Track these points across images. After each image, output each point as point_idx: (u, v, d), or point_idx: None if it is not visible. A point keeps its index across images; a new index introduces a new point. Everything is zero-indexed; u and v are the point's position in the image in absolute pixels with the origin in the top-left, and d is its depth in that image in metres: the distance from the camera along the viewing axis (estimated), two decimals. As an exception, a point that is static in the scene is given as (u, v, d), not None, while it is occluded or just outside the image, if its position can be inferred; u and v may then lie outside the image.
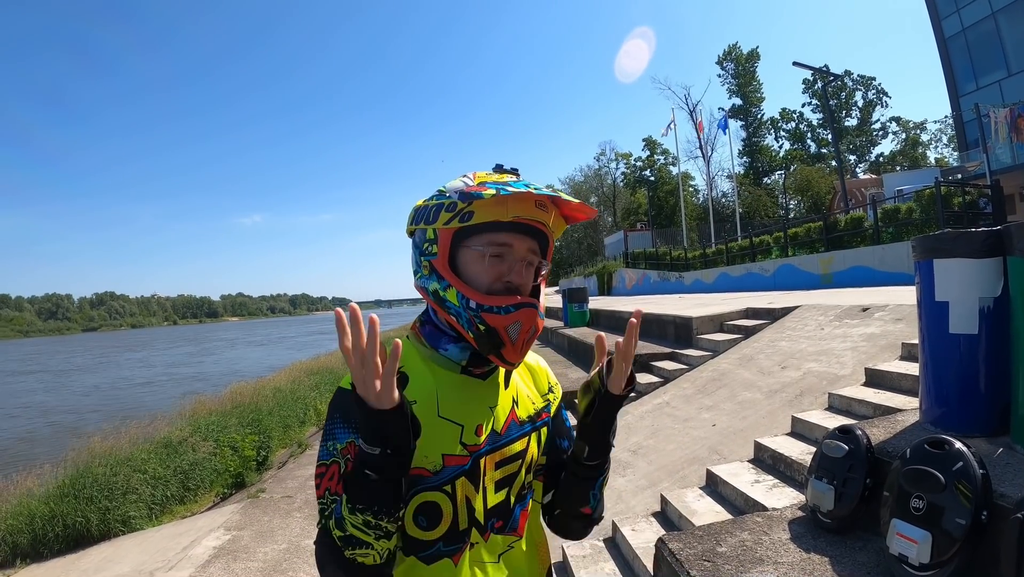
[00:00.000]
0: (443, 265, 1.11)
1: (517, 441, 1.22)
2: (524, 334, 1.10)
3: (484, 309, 1.07)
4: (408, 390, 1.05)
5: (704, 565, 2.88)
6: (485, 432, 1.16)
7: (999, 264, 3.06)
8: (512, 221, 1.08)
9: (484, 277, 1.10)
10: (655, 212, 61.60)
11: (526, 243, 1.12)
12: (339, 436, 1.05)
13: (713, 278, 24.17)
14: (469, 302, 1.08)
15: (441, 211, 1.10)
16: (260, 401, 14.22)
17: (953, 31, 28.78)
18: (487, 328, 1.07)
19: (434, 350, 1.18)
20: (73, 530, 8.41)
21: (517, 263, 1.12)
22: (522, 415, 1.25)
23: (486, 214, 1.07)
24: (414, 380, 1.09)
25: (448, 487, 1.11)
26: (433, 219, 1.11)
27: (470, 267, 1.11)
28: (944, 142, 55.44)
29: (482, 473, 1.16)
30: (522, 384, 1.30)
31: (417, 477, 1.07)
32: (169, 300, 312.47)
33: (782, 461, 4.61)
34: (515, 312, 1.07)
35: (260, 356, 49.21)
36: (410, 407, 0.97)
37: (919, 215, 16.07)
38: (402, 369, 1.06)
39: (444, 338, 1.17)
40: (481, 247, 1.10)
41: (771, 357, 7.48)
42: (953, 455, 2.47)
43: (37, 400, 29.12)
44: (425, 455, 1.08)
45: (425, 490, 1.09)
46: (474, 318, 1.08)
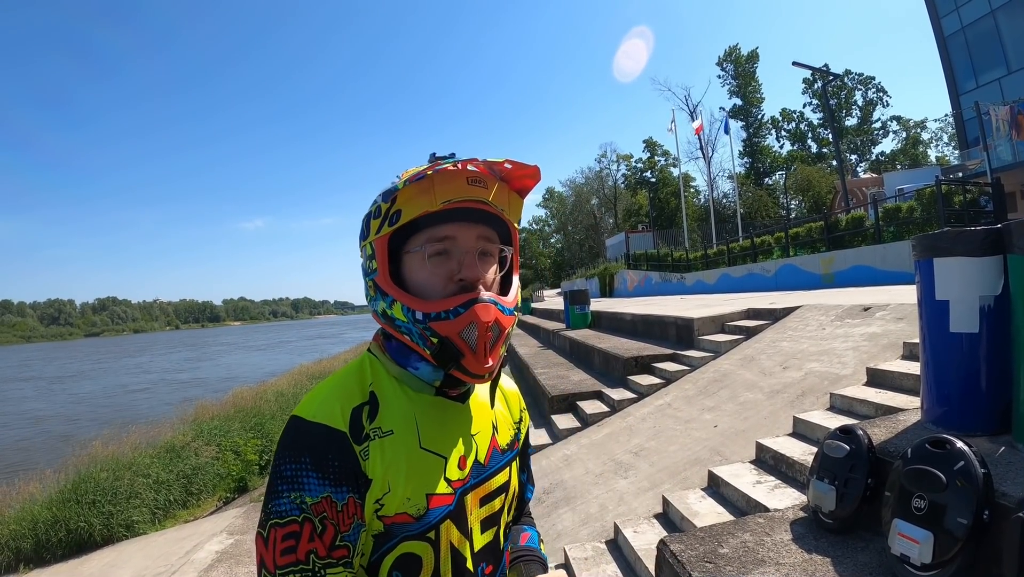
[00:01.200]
0: (384, 280, 0.96)
1: (500, 472, 1.08)
2: (483, 337, 0.92)
3: (431, 318, 0.91)
4: (382, 417, 0.94)
5: (706, 566, 2.88)
6: (468, 464, 1.01)
7: (999, 262, 3.05)
8: (444, 209, 0.92)
9: (432, 281, 0.94)
10: (656, 213, 61.60)
11: (473, 231, 0.96)
12: (309, 486, 0.86)
13: (715, 279, 24.14)
14: (415, 313, 0.92)
15: (371, 220, 0.96)
16: (262, 405, 14.25)
17: (952, 29, 28.77)
18: (440, 340, 0.92)
19: (402, 368, 1.00)
20: (76, 535, 8.42)
21: (466, 256, 0.95)
22: (503, 442, 1.11)
23: (413, 207, 0.92)
24: (389, 405, 0.96)
25: (431, 533, 0.94)
26: (366, 233, 0.97)
27: (415, 274, 0.96)
28: (944, 140, 55.55)
29: (468, 512, 1.00)
30: (500, 406, 1.16)
31: (393, 527, 0.91)
32: (171, 305, 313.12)
33: (784, 462, 4.60)
34: (464, 312, 0.91)
35: (260, 361, 49.19)
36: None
37: (920, 214, 16.05)
38: (371, 389, 0.96)
39: (414, 355, 0.99)
40: (419, 247, 0.94)
41: (772, 358, 7.46)
42: (955, 454, 2.47)
43: (28, 408, 28.93)
44: (407, 497, 0.92)
45: (405, 539, 0.92)
46: (424, 331, 0.92)
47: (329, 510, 0.86)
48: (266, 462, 11.42)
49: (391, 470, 0.91)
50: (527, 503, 1.31)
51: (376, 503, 0.90)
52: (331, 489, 0.86)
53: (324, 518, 0.85)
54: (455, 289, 0.94)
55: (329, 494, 0.86)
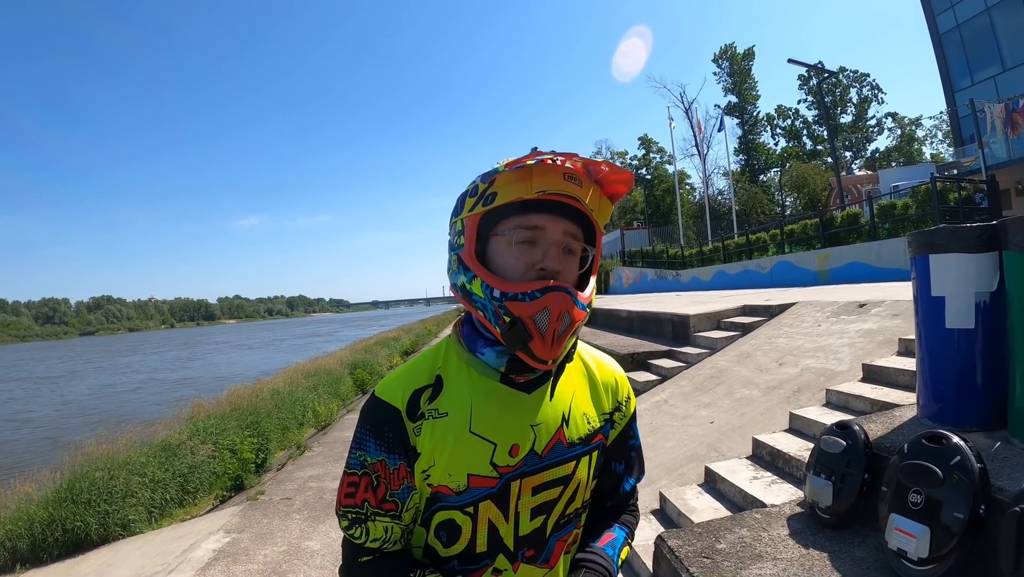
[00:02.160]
0: (469, 255, 1.01)
1: (561, 465, 1.08)
2: (554, 323, 0.96)
3: (508, 297, 0.95)
4: (441, 400, 1.04)
5: (703, 562, 2.89)
6: (522, 452, 1.04)
7: (995, 259, 3.07)
8: (538, 198, 0.97)
9: (515, 265, 0.99)
10: (651, 210, 61.61)
11: (561, 225, 1.00)
12: (370, 450, 1.04)
13: (710, 276, 24.17)
14: (493, 291, 0.96)
15: (466, 199, 1.01)
16: (258, 403, 14.17)
17: (948, 27, 28.82)
18: (512, 319, 0.95)
19: (471, 353, 1.06)
20: (72, 534, 8.38)
21: (551, 248, 0.99)
22: (572, 436, 1.10)
23: (509, 192, 0.96)
24: (451, 388, 1.05)
25: (470, 508, 1.03)
26: (460, 209, 1.03)
27: (500, 256, 1.00)
28: (939, 138, 55.76)
29: (515, 497, 1.05)
30: (580, 399, 1.14)
31: (438, 494, 1.04)
32: (166, 303, 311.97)
33: (780, 457, 4.61)
34: (541, 297, 0.94)
35: (252, 360, 48.81)
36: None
37: (915, 211, 16.10)
38: (439, 373, 1.07)
39: (481, 340, 1.05)
40: (508, 232, 0.99)
41: (768, 354, 7.48)
42: (951, 449, 2.48)
43: (15, 409, 28.42)
44: (449, 473, 1.02)
45: (445, 508, 1.04)
46: (499, 309, 0.96)
47: (383, 471, 1.03)
48: (262, 460, 11.40)
49: (437, 448, 1.02)
50: (627, 495, 1.28)
51: (423, 473, 1.03)
52: (385, 455, 1.03)
53: (379, 476, 1.03)
54: (534, 276, 0.98)
55: (384, 458, 1.03)
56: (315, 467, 10.17)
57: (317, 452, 11.71)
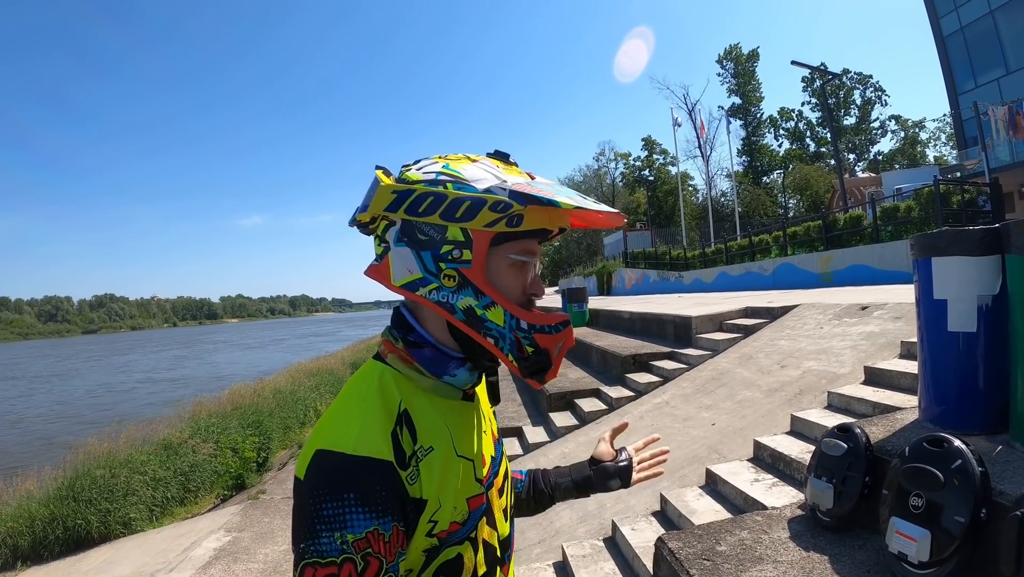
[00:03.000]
0: (480, 277, 0.89)
1: (503, 460, 1.11)
2: (562, 353, 0.96)
3: (536, 330, 0.91)
4: (421, 434, 0.90)
5: (704, 564, 2.89)
6: (488, 459, 1.03)
7: (997, 262, 3.06)
8: (550, 229, 0.94)
9: (516, 289, 0.93)
10: (654, 212, 61.67)
11: (538, 248, 0.97)
12: (353, 523, 0.79)
13: (712, 277, 24.15)
14: (520, 323, 0.90)
15: (482, 208, 0.87)
16: (260, 402, 14.21)
17: (951, 29, 28.81)
18: (537, 350, 0.92)
19: (436, 378, 0.96)
20: (73, 532, 8.41)
21: (535, 271, 0.96)
22: (495, 429, 1.13)
23: (537, 221, 0.90)
24: (422, 421, 0.91)
25: (473, 533, 0.95)
26: (464, 216, 0.87)
27: (502, 278, 0.92)
28: (943, 140, 55.58)
29: (495, 506, 1.03)
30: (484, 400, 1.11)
31: (450, 536, 0.91)
32: (169, 302, 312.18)
33: (781, 460, 4.61)
34: (563, 330, 0.94)
35: (252, 360, 48.78)
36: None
37: (918, 213, 16.07)
38: (403, 407, 0.90)
39: (452, 362, 0.96)
40: (519, 255, 0.92)
41: (770, 356, 7.47)
42: (952, 453, 2.47)
43: (7, 408, 28.28)
44: (455, 507, 0.91)
45: (450, 545, 0.91)
46: (522, 340, 0.91)
47: (374, 543, 0.80)
48: (264, 459, 11.40)
49: (441, 485, 0.89)
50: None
51: (429, 522, 0.87)
52: (377, 521, 0.80)
53: (367, 554, 0.79)
54: (525, 301, 0.94)
55: (376, 527, 0.80)
56: (316, 466, 10.14)
57: (318, 451, 11.69)
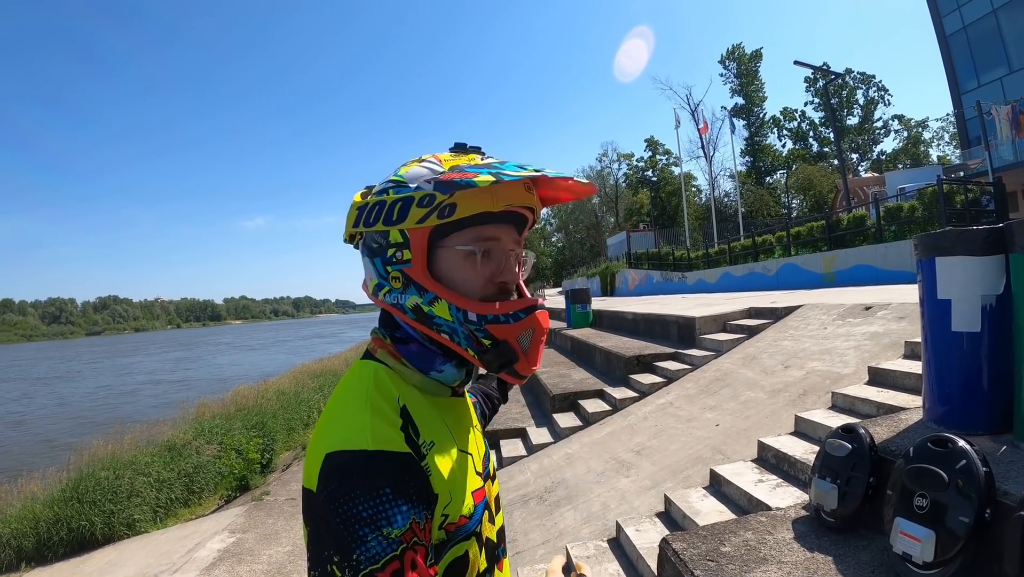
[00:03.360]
0: (422, 273, 0.89)
1: (489, 452, 1.09)
2: (537, 342, 0.91)
3: (488, 320, 0.88)
4: (423, 430, 0.88)
5: (708, 565, 2.89)
6: (481, 453, 1.03)
7: (1001, 262, 3.06)
8: (502, 211, 0.89)
9: (474, 281, 0.90)
10: (658, 212, 61.62)
11: (511, 234, 0.93)
12: (396, 517, 0.77)
13: (716, 278, 24.12)
14: (468, 315, 0.88)
15: (411, 206, 0.87)
16: (264, 404, 14.24)
17: (954, 28, 28.74)
18: (495, 342, 0.89)
19: (424, 375, 0.95)
20: (77, 534, 8.43)
21: (506, 259, 0.93)
22: (479, 424, 1.12)
23: (472, 206, 0.87)
24: (420, 417, 0.90)
25: (478, 528, 0.93)
26: (399, 218, 0.88)
27: (456, 271, 0.90)
28: (946, 140, 55.56)
29: (491, 498, 1.02)
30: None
31: (458, 530, 0.89)
32: (172, 303, 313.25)
33: (786, 460, 4.60)
34: (525, 318, 0.89)
35: (254, 361, 48.65)
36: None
37: (921, 213, 16.03)
38: (402, 404, 0.89)
39: (437, 358, 0.95)
40: (468, 245, 0.89)
41: (774, 356, 7.47)
42: (956, 453, 2.47)
43: (5, 410, 28.29)
44: (463, 500, 0.90)
45: (460, 540, 0.89)
46: (475, 333, 0.88)
47: (418, 532, 0.79)
48: (268, 460, 11.40)
49: (449, 479, 0.88)
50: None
51: (442, 515, 0.86)
52: (414, 512, 0.79)
53: (416, 543, 0.78)
54: (493, 291, 0.91)
55: (414, 517, 0.79)
56: (320, 468, 10.16)
57: (322, 453, 11.70)
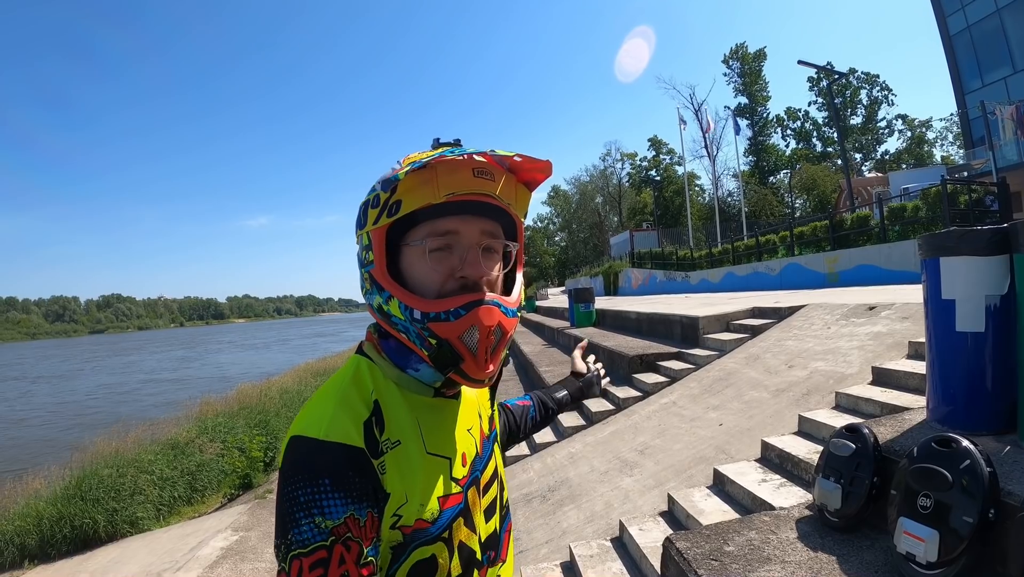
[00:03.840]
0: (381, 273, 0.90)
1: (492, 456, 1.09)
2: (485, 341, 0.88)
3: (431, 318, 0.86)
4: (389, 427, 0.88)
5: (712, 564, 2.88)
6: (469, 458, 1.00)
7: (1006, 262, 3.05)
8: (448, 201, 0.86)
9: (432, 277, 0.89)
10: (661, 212, 61.59)
11: (477, 225, 0.91)
12: (330, 509, 0.79)
13: (719, 277, 24.13)
14: (413, 312, 0.87)
15: (368, 209, 0.90)
16: (267, 402, 14.28)
17: (958, 28, 28.68)
18: (439, 341, 0.87)
19: (401, 371, 0.94)
20: (80, 531, 8.45)
21: (469, 252, 0.90)
22: (486, 428, 1.10)
23: (415, 199, 0.86)
24: (390, 412, 0.90)
25: (446, 533, 0.91)
26: (363, 221, 0.92)
27: (414, 269, 0.90)
28: (950, 140, 55.52)
29: (475, 506, 1.00)
30: (475, 397, 1.11)
31: (415, 533, 0.88)
32: (175, 302, 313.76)
33: (789, 460, 4.60)
34: (466, 315, 0.86)
35: (255, 360, 48.53)
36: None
37: (925, 213, 16.03)
38: (374, 399, 0.90)
39: (414, 356, 0.93)
40: (420, 240, 0.89)
41: (778, 356, 7.46)
42: (960, 453, 2.47)
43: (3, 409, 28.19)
44: (421, 503, 0.88)
45: (420, 545, 0.88)
46: (422, 331, 0.87)
47: (353, 528, 0.80)
48: (271, 459, 11.43)
49: (406, 480, 0.87)
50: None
51: (393, 516, 0.85)
52: (353, 508, 0.80)
53: (348, 538, 0.79)
54: (456, 287, 0.89)
55: (352, 512, 0.80)
56: (323, 466, 10.16)
57: (325, 451, 11.70)
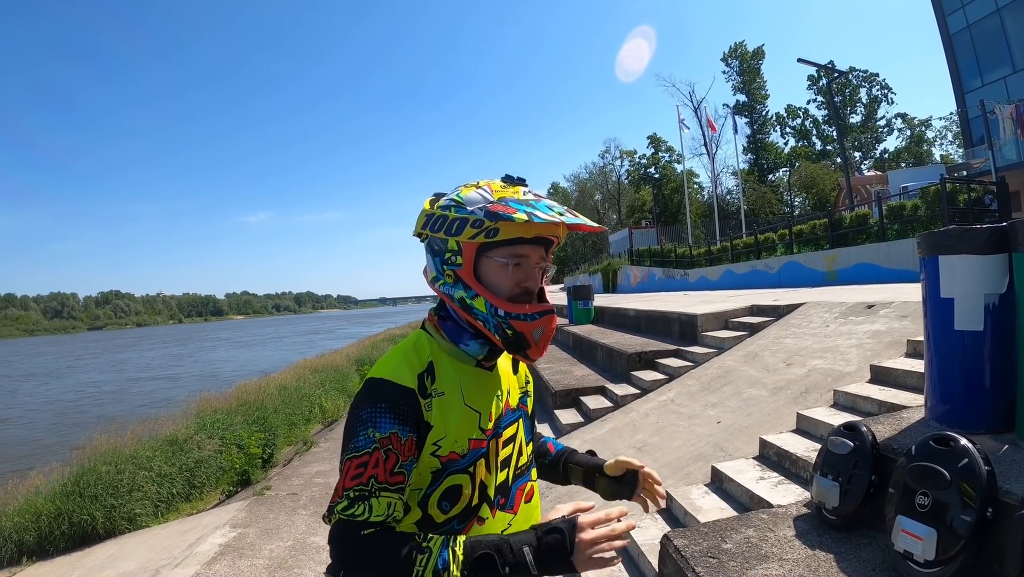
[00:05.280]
0: (469, 276, 1.22)
1: (512, 425, 1.38)
2: (545, 337, 1.25)
3: (512, 317, 1.20)
4: (438, 381, 1.23)
5: (709, 562, 2.89)
6: (495, 416, 1.31)
7: (1004, 261, 3.05)
8: (533, 237, 1.21)
9: (505, 284, 1.22)
10: (660, 209, 61.54)
11: (538, 252, 1.24)
12: (381, 424, 1.13)
13: (718, 275, 24.14)
14: (497, 311, 1.20)
15: (466, 226, 1.19)
16: (265, 399, 14.23)
17: (958, 27, 28.63)
18: (515, 333, 1.21)
19: (454, 345, 1.29)
20: (79, 528, 8.42)
21: (532, 270, 1.25)
22: (513, 403, 1.41)
23: (511, 232, 1.18)
24: (441, 371, 1.24)
25: (471, 468, 1.23)
26: (457, 232, 1.21)
27: (492, 276, 1.23)
28: (949, 139, 55.41)
29: (494, 454, 1.30)
30: (508, 376, 1.43)
31: (449, 462, 1.21)
32: (174, 298, 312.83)
33: (787, 458, 4.60)
34: (539, 319, 1.22)
35: (250, 357, 48.11)
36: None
37: (924, 212, 16.02)
38: (430, 360, 1.24)
39: (465, 335, 1.29)
40: (504, 259, 1.21)
41: (776, 354, 7.46)
42: (958, 452, 2.47)
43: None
44: (456, 440, 1.21)
45: (454, 473, 1.21)
46: (502, 324, 1.21)
47: (394, 442, 1.13)
48: (269, 456, 11.42)
49: (446, 420, 1.20)
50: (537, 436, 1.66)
51: (434, 444, 1.19)
52: (398, 427, 1.14)
53: (389, 449, 1.12)
54: (519, 293, 1.23)
55: (396, 431, 1.13)
56: (321, 463, 10.19)
57: (323, 448, 11.74)
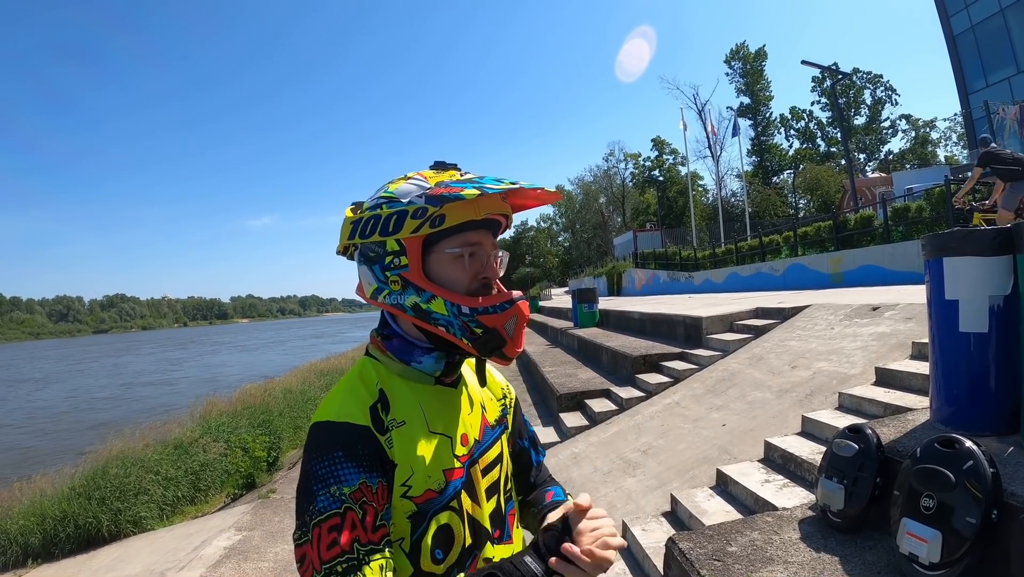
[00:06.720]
0: (419, 276, 1.06)
1: (493, 446, 1.22)
2: (519, 329, 1.08)
3: (480, 312, 1.04)
4: (394, 410, 1.05)
5: (714, 564, 2.89)
6: (470, 440, 1.16)
7: (1009, 262, 3.05)
8: (483, 219, 1.07)
9: (462, 278, 1.08)
10: (664, 212, 61.58)
11: (490, 238, 1.12)
12: (345, 477, 0.95)
13: (723, 278, 24.09)
14: (461, 309, 1.04)
15: (406, 219, 1.04)
16: (270, 402, 14.28)
17: (962, 28, 28.61)
18: (486, 330, 1.05)
19: (405, 364, 1.13)
20: (84, 531, 8.46)
21: (488, 259, 1.11)
22: (491, 419, 1.25)
23: (459, 215, 1.04)
24: (396, 399, 1.07)
25: (454, 503, 1.07)
26: (395, 229, 1.05)
27: (445, 271, 1.08)
28: (954, 140, 55.28)
29: (477, 482, 1.14)
30: (481, 389, 1.28)
31: (428, 501, 1.03)
32: (179, 302, 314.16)
33: (792, 461, 4.60)
34: (510, 308, 1.06)
35: (251, 362, 48.06)
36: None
37: (929, 213, 15.97)
38: (379, 388, 1.07)
39: (416, 350, 1.12)
40: (456, 248, 1.07)
41: (781, 357, 7.45)
42: (963, 454, 2.47)
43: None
44: (429, 475, 1.04)
45: (438, 512, 1.04)
46: (468, 323, 1.05)
47: (367, 494, 0.95)
48: (274, 459, 11.45)
49: (411, 454, 1.03)
50: (541, 467, 1.43)
51: (403, 485, 1.01)
52: (365, 475, 0.96)
53: (364, 502, 0.94)
54: (478, 286, 1.08)
55: (364, 480, 0.95)
56: (326, 466, 10.16)
57: (328, 451, 11.70)
